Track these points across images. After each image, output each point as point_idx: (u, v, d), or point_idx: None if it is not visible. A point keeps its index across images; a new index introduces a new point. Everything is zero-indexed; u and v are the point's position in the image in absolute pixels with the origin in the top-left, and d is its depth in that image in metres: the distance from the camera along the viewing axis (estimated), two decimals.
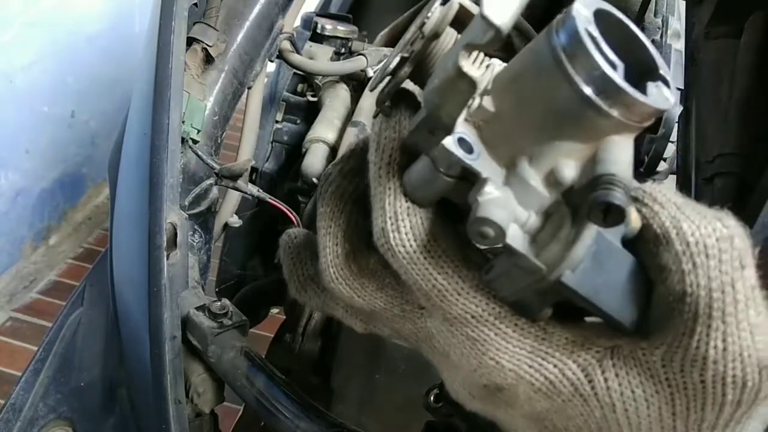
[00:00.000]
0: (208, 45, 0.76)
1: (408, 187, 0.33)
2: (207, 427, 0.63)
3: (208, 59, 0.77)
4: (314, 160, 0.91)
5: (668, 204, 0.30)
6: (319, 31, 1.05)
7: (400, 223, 0.33)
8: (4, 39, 1.72)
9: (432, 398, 0.56)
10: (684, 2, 1.01)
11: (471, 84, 0.29)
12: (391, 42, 1.05)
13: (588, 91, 0.26)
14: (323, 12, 1.13)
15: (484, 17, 0.27)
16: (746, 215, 0.61)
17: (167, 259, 0.58)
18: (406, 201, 0.33)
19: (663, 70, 0.29)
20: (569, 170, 0.29)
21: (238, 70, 0.81)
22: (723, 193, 0.69)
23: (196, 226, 0.73)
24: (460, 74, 0.29)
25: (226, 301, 0.61)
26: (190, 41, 0.75)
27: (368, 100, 0.96)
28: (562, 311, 0.32)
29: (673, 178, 1.00)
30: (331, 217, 0.37)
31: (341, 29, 1.05)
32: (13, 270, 1.95)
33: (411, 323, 0.38)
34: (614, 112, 0.27)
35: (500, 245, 0.29)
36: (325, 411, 0.55)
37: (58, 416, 0.62)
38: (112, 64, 2.15)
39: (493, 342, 0.33)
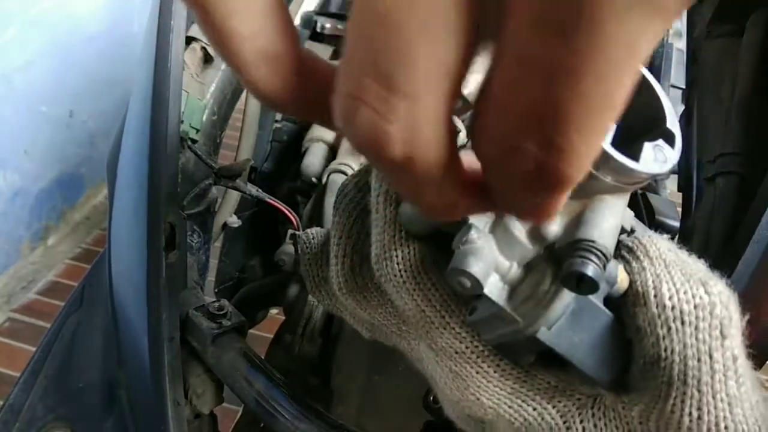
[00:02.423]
0: (207, 44, 0.76)
1: (404, 217, 0.33)
2: (206, 428, 0.63)
3: (207, 58, 0.77)
4: (314, 160, 0.90)
5: (657, 261, 0.29)
6: (318, 29, 1.04)
7: (393, 253, 0.33)
8: (2, 39, 1.71)
9: (432, 398, 0.56)
10: None
11: None
12: None
13: None
14: (323, 11, 1.13)
15: None
16: (748, 215, 0.61)
17: (166, 259, 0.58)
18: (401, 231, 0.33)
19: (670, 124, 0.28)
20: (553, 225, 0.29)
21: None
22: (725, 192, 0.68)
23: (194, 227, 0.72)
24: None
25: (225, 302, 0.61)
26: (189, 40, 0.75)
27: None
28: (547, 355, 0.32)
29: (674, 178, 1.00)
30: (342, 228, 0.37)
31: (341, 28, 1.05)
32: (11, 270, 1.94)
33: (406, 342, 0.38)
34: (602, 176, 0.26)
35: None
36: (325, 412, 0.55)
37: (56, 417, 0.62)
38: (110, 63, 2.15)
39: (474, 379, 0.33)
